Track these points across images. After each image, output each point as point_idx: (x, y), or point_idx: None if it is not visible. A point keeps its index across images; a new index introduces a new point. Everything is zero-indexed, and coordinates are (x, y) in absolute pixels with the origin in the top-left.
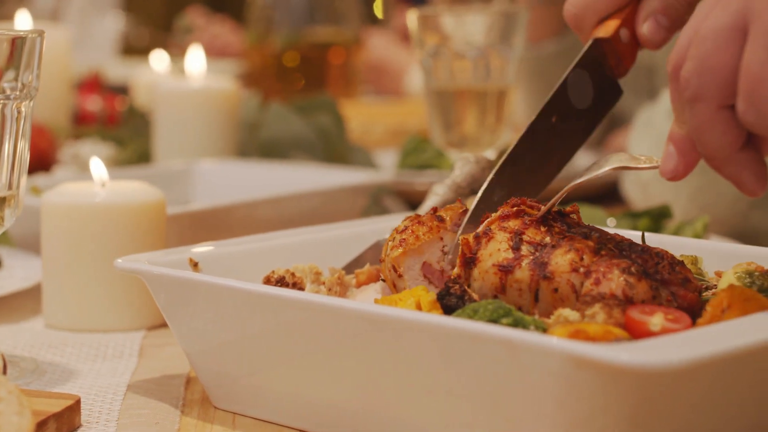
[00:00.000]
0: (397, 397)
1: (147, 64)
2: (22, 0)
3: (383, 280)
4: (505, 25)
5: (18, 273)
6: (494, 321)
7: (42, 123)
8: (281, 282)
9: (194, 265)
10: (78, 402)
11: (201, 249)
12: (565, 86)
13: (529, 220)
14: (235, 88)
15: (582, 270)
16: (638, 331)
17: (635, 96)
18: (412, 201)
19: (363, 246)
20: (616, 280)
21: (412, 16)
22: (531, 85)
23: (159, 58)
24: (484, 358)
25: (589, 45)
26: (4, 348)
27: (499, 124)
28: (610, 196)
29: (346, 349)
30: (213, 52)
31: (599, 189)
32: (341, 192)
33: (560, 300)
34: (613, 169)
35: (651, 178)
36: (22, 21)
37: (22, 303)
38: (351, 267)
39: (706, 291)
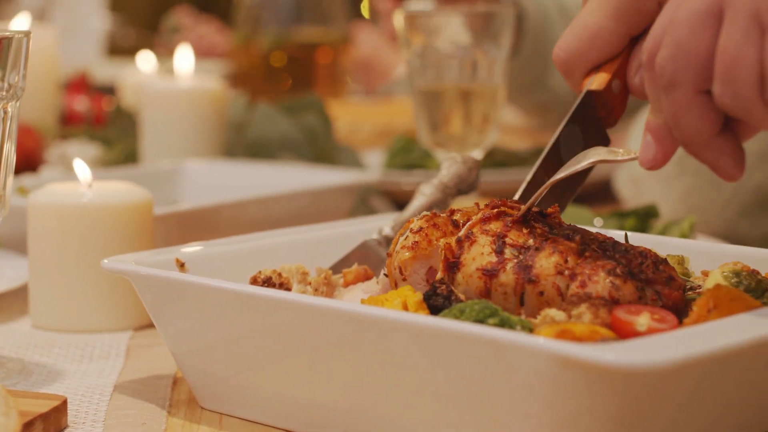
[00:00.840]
0: (384, 397)
1: (134, 64)
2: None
3: (386, 275)
4: (492, 25)
5: (4, 273)
6: (481, 321)
7: (29, 123)
8: (268, 282)
9: (181, 266)
10: (65, 402)
11: (188, 249)
12: (558, 142)
13: (511, 221)
14: (222, 89)
15: (567, 273)
16: (624, 331)
17: None
18: (399, 201)
19: (350, 246)
20: (602, 282)
21: (399, 16)
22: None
23: (146, 59)
24: (470, 358)
25: (581, 98)
26: None
27: (486, 125)
28: (601, 194)
29: (332, 349)
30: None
31: (590, 187)
32: (328, 192)
33: (546, 303)
34: (591, 164)
35: (643, 175)
36: (20, 22)
37: (9, 303)
38: (338, 267)
39: (690, 291)
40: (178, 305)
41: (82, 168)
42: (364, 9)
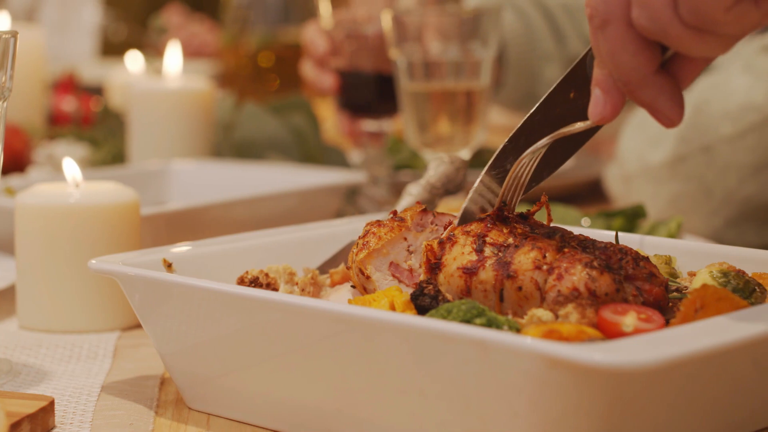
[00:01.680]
0: (371, 398)
1: (122, 64)
2: None
3: (353, 286)
4: (480, 25)
5: None
6: (468, 321)
7: (16, 124)
8: (255, 282)
9: (168, 266)
10: (52, 403)
11: (175, 250)
12: (584, 62)
13: (491, 223)
14: (209, 89)
15: (545, 267)
16: (611, 331)
17: None
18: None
19: (337, 246)
20: (578, 275)
21: (387, 17)
22: None
23: (134, 59)
24: (457, 359)
25: None
26: None
27: (473, 125)
28: (590, 193)
29: (319, 349)
30: (190, 52)
31: (580, 187)
32: (316, 192)
33: (525, 298)
34: (551, 138)
35: (634, 174)
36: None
37: None
38: (325, 267)
39: (675, 291)
40: (166, 306)
41: (71, 167)
42: None
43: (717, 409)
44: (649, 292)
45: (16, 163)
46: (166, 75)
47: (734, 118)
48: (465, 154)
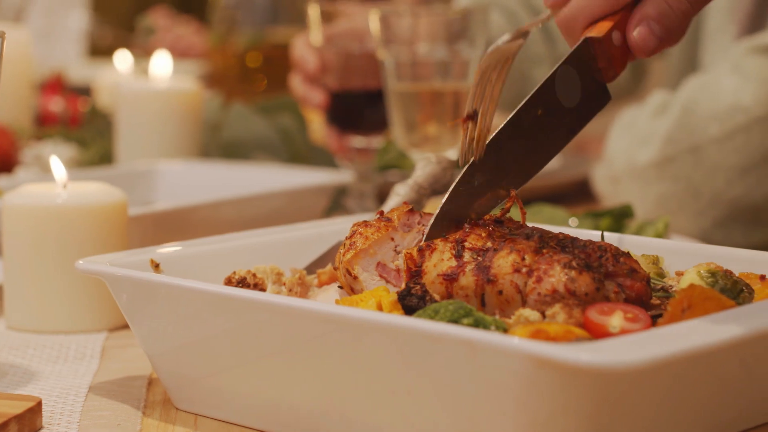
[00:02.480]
0: (359, 398)
1: (110, 64)
2: None
3: (340, 287)
4: (467, 25)
5: None
6: (455, 321)
7: (4, 124)
8: (242, 283)
9: (155, 267)
10: (39, 404)
11: (162, 250)
12: (553, 81)
13: (469, 228)
14: (197, 89)
15: (524, 270)
16: (598, 332)
17: (679, 61)
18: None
19: (325, 246)
20: (557, 276)
21: (374, 17)
22: None
23: (122, 59)
24: (445, 359)
25: (579, 43)
26: None
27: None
28: (578, 193)
29: (306, 349)
30: (177, 53)
31: (568, 187)
32: (303, 192)
33: (506, 302)
34: (514, 35)
35: (622, 174)
36: None
37: None
38: (313, 267)
39: (661, 291)
40: (153, 306)
41: (57, 165)
42: None
43: (705, 408)
44: (630, 288)
45: (3, 163)
46: (153, 75)
47: (722, 119)
48: (452, 154)
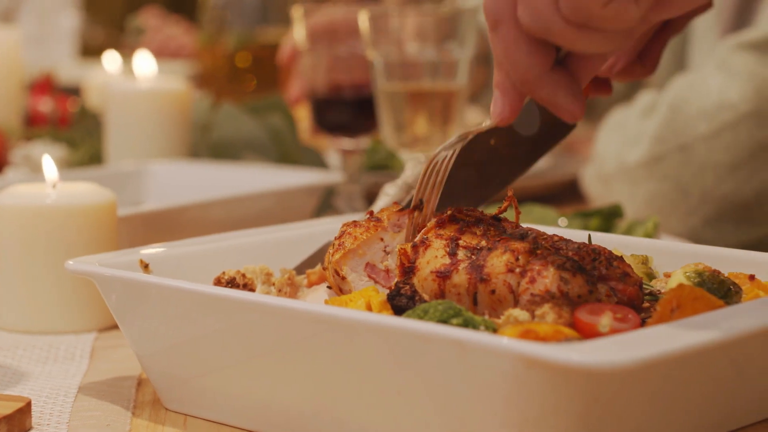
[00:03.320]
0: (348, 398)
1: (100, 65)
2: None
3: (329, 287)
4: (456, 25)
5: None
6: (444, 321)
7: None
8: (232, 283)
9: (145, 267)
10: (29, 404)
11: (152, 250)
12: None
13: (464, 226)
14: (186, 89)
15: (518, 270)
16: (587, 332)
17: (668, 62)
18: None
19: (314, 246)
20: (551, 277)
21: (364, 17)
22: None
23: (111, 59)
24: (434, 359)
25: None
26: None
27: (450, 125)
28: (567, 193)
29: (296, 350)
30: (167, 54)
31: (557, 187)
32: (293, 192)
33: (498, 301)
34: (460, 138)
35: (612, 175)
36: None
37: None
38: (302, 267)
39: (649, 295)
40: (142, 306)
41: (49, 164)
42: None
43: (695, 408)
44: (623, 292)
45: None
46: (138, 76)
47: (710, 116)
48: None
